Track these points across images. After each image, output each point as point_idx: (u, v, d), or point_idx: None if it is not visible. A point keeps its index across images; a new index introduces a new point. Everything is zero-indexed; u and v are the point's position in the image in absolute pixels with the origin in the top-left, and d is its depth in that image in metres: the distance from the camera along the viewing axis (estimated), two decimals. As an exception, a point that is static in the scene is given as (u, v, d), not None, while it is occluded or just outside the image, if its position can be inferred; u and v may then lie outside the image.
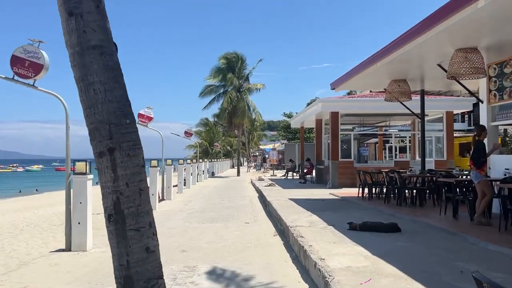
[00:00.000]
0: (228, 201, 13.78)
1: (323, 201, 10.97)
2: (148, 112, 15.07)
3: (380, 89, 11.48)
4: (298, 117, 22.17)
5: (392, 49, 7.72)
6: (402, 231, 6.44)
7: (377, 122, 19.84)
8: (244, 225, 8.72)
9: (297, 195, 12.98)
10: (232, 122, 32.92)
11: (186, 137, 26.12)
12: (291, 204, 10.33)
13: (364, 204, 9.96)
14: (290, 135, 60.43)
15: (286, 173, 24.10)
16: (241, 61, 33.08)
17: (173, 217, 10.35)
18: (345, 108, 16.02)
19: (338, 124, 16.01)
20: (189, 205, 13.03)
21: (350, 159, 16.58)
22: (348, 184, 15.78)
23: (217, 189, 19.48)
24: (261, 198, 14.15)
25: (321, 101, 15.71)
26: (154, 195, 12.22)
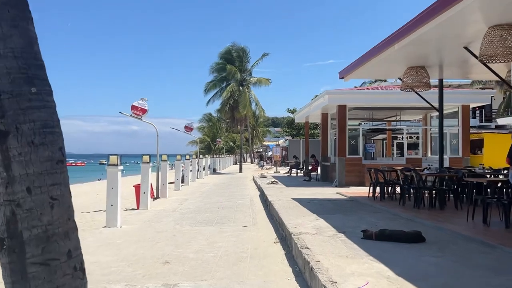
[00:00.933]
0: (227, 200, 12.77)
1: (330, 202, 9.92)
2: (142, 104, 14.09)
3: (394, 78, 10.39)
4: (302, 111, 21.09)
5: (414, 27, 6.64)
6: (426, 240, 5.40)
7: (387, 116, 18.72)
8: (241, 229, 7.70)
9: (301, 194, 11.95)
10: (234, 116, 31.87)
11: (187, 132, 25.13)
12: (295, 205, 9.29)
13: (377, 206, 8.90)
14: (294, 131, 59.28)
15: (290, 170, 23.06)
16: (243, 54, 31.97)
17: (164, 218, 9.35)
18: (353, 100, 14.93)
19: (346, 118, 14.93)
20: (184, 204, 12.03)
21: (358, 156, 15.51)
22: (355, 182, 14.75)
23: (216, 187, 18.48)
24: (262, 197, 13.13)
25: (328, 93, 14.63)
26: (146, 193, 11.23)
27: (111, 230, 7.93)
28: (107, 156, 8.60)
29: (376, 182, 10.08)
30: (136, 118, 14.05)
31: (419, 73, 8.85)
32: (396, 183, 10.07)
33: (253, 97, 32.83)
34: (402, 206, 8.69)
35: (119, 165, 8.45)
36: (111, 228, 8.19)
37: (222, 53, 32.17)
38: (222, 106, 32.10)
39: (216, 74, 32.15)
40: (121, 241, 6.91)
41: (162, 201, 12.99)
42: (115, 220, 8.37)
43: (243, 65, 32.09)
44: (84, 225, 11.45)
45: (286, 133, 63.76)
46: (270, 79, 33.09)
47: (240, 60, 31.92)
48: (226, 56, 32.09)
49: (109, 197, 8.41)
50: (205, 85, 32.21)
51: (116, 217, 8.38)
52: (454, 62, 9.08)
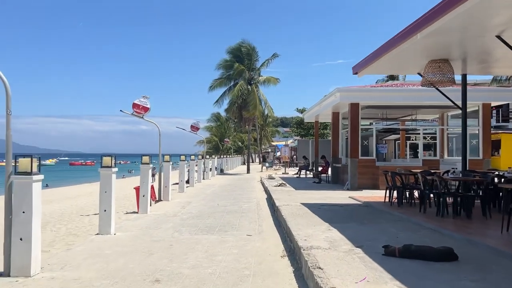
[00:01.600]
0: (232, 204, 12.04)
1: (342, 208, 9.13)
2: (144, 102, 13.44)
3: (413, 73, 9.56)
4: (312, 110, 20.28)
5: (440, 13, 5.83)
6: (459, 258, 4.61)
7: (401, 116, 17.81)
8: (245, 239, 6.96)
9: (311, 198, 11.17)
10: (242, 116, 31.14)
11: (193, 132, 24.49)
12: (305, 211, 8.52)
13: (395, 213, 8.09)
14: (303, 131, 58.34)
15: (299, 171, 22.26)
16: (252, 52, 31.20)
17: (163, 224, 8.66)
18: (366, 98, 14.10)
19: (358, 117, 14.11)
20: (186, 208, 11.33)
21: (371, 157, 14.68)
22: (368, 185, 13.93)
23: (222, 189, 17.77)
24: (269, 201, 12.38)
25: (340, 90, 13.82)
26: (146, 196, 10.56)
27: (103, 238, 7.25)
28: (101, 156, 7.95)
29: (393, 186, 9.27)
30: (138, 117, 13.40)
31: (442, 67, 8.02)
32: (415, 187, 9.25)
33: (261, 96, 32.07)
34: (423, 214, 7.88)
35: (113, 166, 7.78)
36: (103, 235, 7.51)
37: (230, 50, 31.44)
38: (230, 106, 31.38)
39: (223, 71, 31.44)
40: (111, 251, 6.21)
41: (163, 204, 12.31)
42: (108, 226, 7.68)
43: (252, 63, 31.32)
44: (79, 230, 10.83)
45: (295, 133, 62.87)
46: (278, 79, 32.29)
47: (249, 58, 31.15)
48: (234, 53, 31.36)
49: (102, 202, 7.74)
50: (211, 82, 31.51)
51: (109, 223, 7.69)
52: (479, 55, 8.22)
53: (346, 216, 7.99)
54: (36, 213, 5.13)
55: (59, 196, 26.99)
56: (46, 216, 14.38)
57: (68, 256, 5.96)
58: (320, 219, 7.47)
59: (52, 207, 19.11)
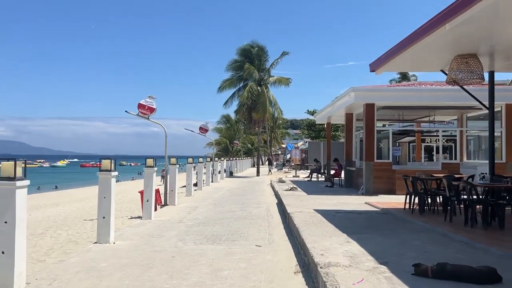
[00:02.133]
0: (241, 209, 11.44)
1: (359, 215, 8.47)
2: (149, 102, 12.95)
3: (435, 71, 8.87)
4: (324, 112, 19.61)
5: (474, 0, 5.17)
6: (503, 280, 3.95)
7: (418, 117, 17.03)
8: (255, 250, 6.35)
9: (324, 204, 10.53)
10: (252, 117, 30.54)
11: (201, 133, 24.02)
12: (319, 219, 7.88)
13: (418, 222, 7.41)
14: (313, 134, 57.58)
15: (310, 174, 21.58)
16: (262, 52, 30.61)
17: (166, 232, 8.09)
18: (383, 98, 13.40)
19: (374, 118, 13.41)
20: (193, 214, 10.77)
21: (388, 161, 13.98)
22: (384, 190, 13.23)
23: (231, 192, 17.18)
24: (280, 206, 11.75)
25: (355, 90, 13.15)
26: (150, 201, 10.02)
27: (101, 248, 6.71)
28: (99, 159, 7.45)
29: (415, 192, 8.58)
30: (143, 118, 12.91)
31: (470, 63, 7.33)
32: (438, 193, 8.55)
33: (271, 97, 31.44)
34: (449, 223, 7.18)
35: (113, 170, 7.26)
36: (102, 245, 6.97)
37: (240, 51, 30.90)
38: (240, 107, 30.82)
39: (233, 72, 30.91)
40: (107, 264, 5.65)
41: (169, 209, 11.77)
42: (107, 235, 7.14)
43: (262, 63, 30.72)
44: (80, 236, 10.32)
45: (305, 135, 62.11)
46: (290, 79, 31.59)
47: (259, 58, 30.58)
48: (244, 54, 30.80)
49: (100, 208, 7.20)
50: (220, 83, 30.97)
51: (108, 232, 7.15)
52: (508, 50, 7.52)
53: (364, 225, 7.33)
54: (20, 224, 4.58)
55: (66, 198, 26.71)
56: (49, 221, 13.96)
57: (59, 269, 5.42)
58: (336, 228, 6.83)
59: (57, 210, 18.73)
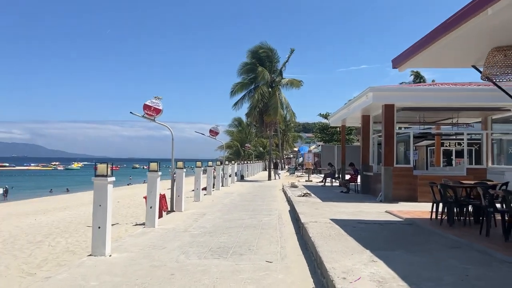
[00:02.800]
0: (250, 217, 10.70)
1: (382, 227, 7.65)
2: (155, 104, 12.32)
3: (466, 66, 8.03)
4: (339, 114, 18.79)
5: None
6: None
7: (440, 119, 16.08)
8: (265, 268, 5.60)
9: (341, 212, 9.72)
10: (263, 120, 29.80)
11: (211, 136, 23.39)
12: (337, 231, 7.09)
13: (449, 236, 6.57)
14: (326, 137, 56.56)
15: (324, 179, 20.73)
16: (272, 54, 29.88)
17: (169, 243, 7.40)
18: (403, 99, 12.54)
19: (393, 120, 12.57)
20: (199, 221, 10.07)
21: (408, 165, 13.11)
22: (404, 196, 12.38)
23: (241, 197, 16.45)
24: (293, 214, 10.97)
25: (373, 90, 12.33)
26: (153, 208, 9.35)
27: (95, 262, 6.03)
28: (94, 163, 6.79)
29: (443, 201, 7.73)
30: (149, 119, 12.29)
31: (508, 56, 6.50)
32: (470, 202, 7.69)
33: (283, 100, 30.66)
34: (486, 238, 6.34)
35: (110, 175, 6.60)
36: (96, 257, 6.30)
37: (250, 53, 30.22)
38: (251, 110, 30.11)
39: (244, 75, 30.25)
40: (97, 283, 4.97)
41: (175, 216, 11.10)
42: (102, 247, 6.48)
43: (273, 65, 29.99)
44: (79, 245, 9.72)
45: (318, 138, 61.11)
46: (301, 81, 30.78)
47: (270, 60, 29.86)
48: (254, 56, 30.12)
49: (95, 217, 6.54)
50: (232, 87, 30.32)
51: (104, 243, 6.48)
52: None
53: (389, 238, 6.52)
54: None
55: (75, 202, 26.33)
56: (52, 227, 13.44)
57: (43, 288, 4.77)
58: (358, 243, 6.04)
59: (64, 214, 18.26)
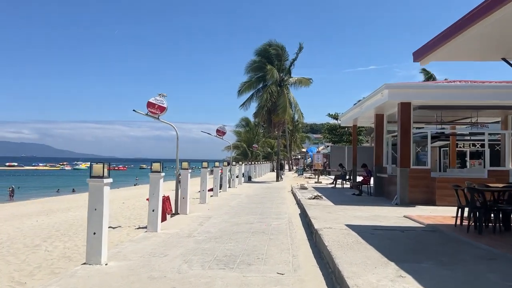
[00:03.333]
0: (259, 220, 10.10)
1: (403, 234, 7.00)
2: (160, 101, 11.82)
3: (495, 59, 7.36)
4: (350, 113, 18.12)
5: None
6: None
7: (458, 118, 15.33)
8: (276, 281, 5.00)
9: (357, 217, 9.08)
10: (271, 120, 29.16)
11: (218, 136, 22.87)
12: (354, 238, 6.46)
13: (481, 245, 5.91)
14: (335, 138, 55.76)
15: (335, 181, 20.05)
16: (281, 52, 29.20)
17: (171, 250, 6.83)
18: (421, 96, 11.84)
19: (410, 119, 11.90)
20: (205, 225, 9.49)
21: (426, 167, 12.43)
22: (422, 200, 11.71)
23: (249, 199, 15.86)
24: (304, 218, 10.35)
25: (389, 87, 11.66)
26: (156, 211, 8.79)
27: (88, 272, 5.49)
28: (90, 164, 6.24)
29: (471, 206, 7.06)
30: (153, 118, 11.78)
31: (548, 46, 5.83)
32: (500, 208, 7.02)
33: (292, 99, 29.98)
34: (523, 248, 5.67)
35: (106, 176, 6.05)
36: (91, 266, 5.76)
37: (258, 51, 29.59)
38: (259, 109, 29.46)
39: (252, 74, 29.62)
40: (88, 298, 4.41)
41: (179, 219, 10.54)
42: (98, 255, 5.94)
43: (282, 63, 29.32)
44: (77, 251, 9.19)
45: (326, 139, 60.33)
46: (311, 79, 30.02)
47: (279, 58, 29.19)
48: (263, 54, 29.49)
49: (90, 222, 6.01)
50: (239, 86, 29.69)
51: (100, 250, 5.94)
52: None
53: (413, 248, 5.88)
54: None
55: (80, 202, 25.93)
56: (53, 229, 12.97)
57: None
58: (380, 253, 5.41)
59: (66, 216, 17.83)
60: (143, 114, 11.81)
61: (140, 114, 11.84)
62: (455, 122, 16.08)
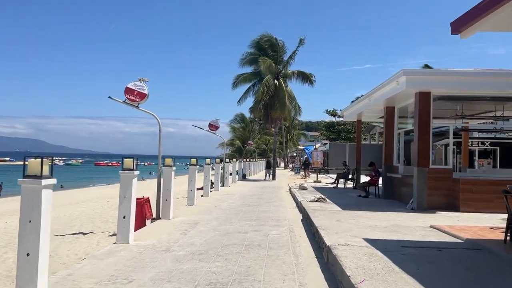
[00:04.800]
0: (254, 229, 8.47)
1: (443, 254, 5.38)
2: (140, 87, 10.21)
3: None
4: (355, 106, 16.54)
5: None
6: None
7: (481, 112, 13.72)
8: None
9: (373, 227, 7.48)
10: (269, 116, 27.48)
11: (211, 131, 21.23)
12: (383, 262, 4.82)
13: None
14: (333, 135, 54.18)
15: (337, 180, 18.45)
16: (277, 44, 27.46)
17: (140, 273, 5.20)
18: (442, 85, 10.22)
19: (429, 110, 10.33)
20: (189, 235, 7.86)
21: (447, 167, 10.88)
22: (442, 204, 10.19)
23: (243, 201, 14.23)
24: (307, 225, 8.73)
25: (407, 73, 10.02)
26: (127, 218, 7.16)
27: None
28: (24, 160, 4.57)
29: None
30: (132, 106, 10.13)
31: None
32: None
33: (290, 93, 28.22)
34: None
35: (47, 176, 4.42)
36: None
37: (254, 42, 27.86)
38: (255, 104, 27.76)
39: (247, 66, 27.89)
40: None
41: (159, 226, 8.90)
42: (32, 283, 4.31)
43: (279, 55, 27.60)
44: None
45: (324, 136, 58.73)
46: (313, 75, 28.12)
47: (275, 50, 27.46)
48: (259, 46, 27.77)
49: (23, 239, 4.38)
50: (234, 78, 27.92)
51: (35, 278, 4.32)
52: None
53: (467, 279, 4.27)
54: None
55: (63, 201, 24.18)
56: (14, 235, 11.25)
57: None
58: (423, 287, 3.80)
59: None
60: (120, 101, 10.14)
61: (116, 101, 10.21)
62: (476, 116, 14.49)
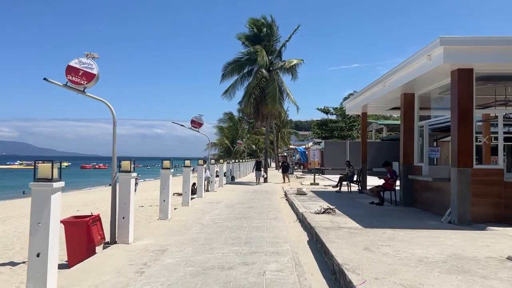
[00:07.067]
0: (243, 261, 5.83)
1: None
2: (86, 65, 7.71)
3: None
4: (362, 96, 14.07)
5: None
6: None
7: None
8: None
9: (427, 263, 4.93)
10: (259, 111, 24.87)
11: (194, 128, 18.61)
12: None
13: None
14: (326, 133, 51.80)
15: (339, 183, 15.92)
16: (271, 30, 24.90)
17: None
18: (490, 58, 7.71)
19: (472, 92, 7.87)
20: (147, 273, 5.23)
21: (497, 166, 8.45)
22: (491, 216, 7.81)
23: (230, 212, 11.60)
24: (318, 252, 6.14)
25: (444, 42, 7.49)
26: (43, 255, 4.49)
27: None
28: None
29: None
30: (77, 91, 7.45)
31: None
32: None
33: (283, 85, 25.59)
34: None
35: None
36: None
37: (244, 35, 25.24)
38: (245, 97, 25.09)
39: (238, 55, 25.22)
40: None
41: (110, 257, 6.25)
42: None
43: (271, 44, 25.02)
44: None
45: (316, 135, 56.32)
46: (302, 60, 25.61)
47: (268, 38, 24.88)
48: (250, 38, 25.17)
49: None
50: (223, 68, 25.14)
51: None
52: None
53: None
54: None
55: (20, 210, 21.25)
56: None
57: None
58: None
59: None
60: (61, 85, 7.45)
61: (55, 84, 7.52)
62: None
